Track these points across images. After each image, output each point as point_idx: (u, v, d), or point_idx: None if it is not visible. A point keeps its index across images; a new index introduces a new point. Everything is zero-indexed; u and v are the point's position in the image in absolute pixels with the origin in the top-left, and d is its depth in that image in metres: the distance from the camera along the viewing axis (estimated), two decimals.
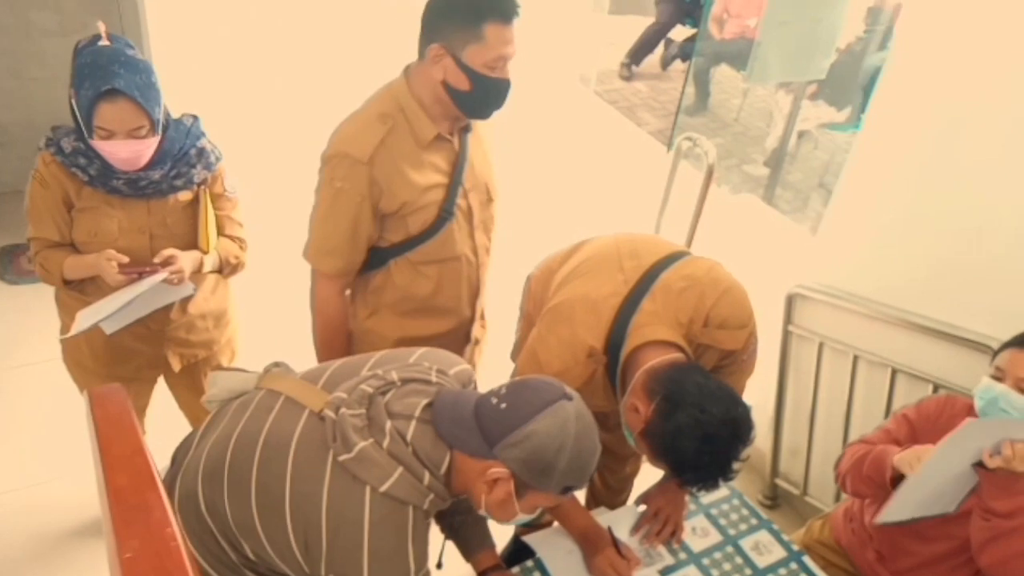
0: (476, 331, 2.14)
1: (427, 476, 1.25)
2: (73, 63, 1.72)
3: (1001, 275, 2.09)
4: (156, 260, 1.84)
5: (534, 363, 1.68)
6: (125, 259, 1.79)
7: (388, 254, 1.88)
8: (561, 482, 1.26)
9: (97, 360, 2.02)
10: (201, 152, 1.90)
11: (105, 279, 1.80)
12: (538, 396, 1.25)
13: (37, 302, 3.08)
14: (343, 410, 1.27)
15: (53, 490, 2.58)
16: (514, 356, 2.09)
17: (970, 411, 1.73)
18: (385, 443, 1.24)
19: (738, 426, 1.45)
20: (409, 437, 1.26)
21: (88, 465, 1.84)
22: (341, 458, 1.23)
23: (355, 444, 1.23)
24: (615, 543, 1.77)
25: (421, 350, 1.47)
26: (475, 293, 2.04)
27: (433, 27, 1.66)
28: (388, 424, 1.26)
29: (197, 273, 1.96)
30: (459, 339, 2.11)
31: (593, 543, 1.77)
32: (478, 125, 1.89)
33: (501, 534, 2.51)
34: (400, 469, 1.23)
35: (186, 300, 1.98)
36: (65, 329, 2.03)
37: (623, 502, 2.36)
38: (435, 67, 1.67)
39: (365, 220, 1.77)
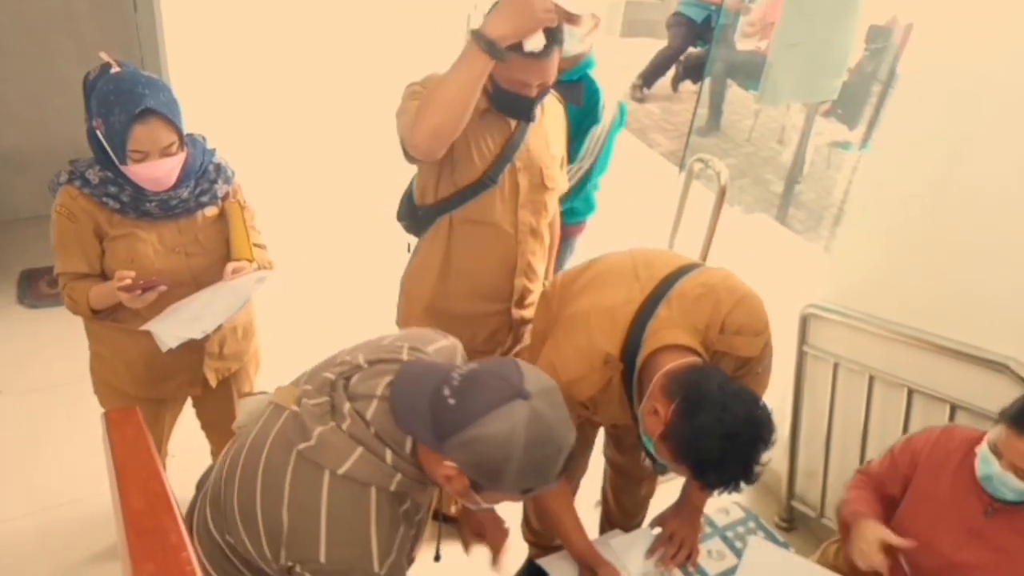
0: (516, 311, 2.20)
1: (389, 455, 1.20)
2: (89, 94, 1.75)
3: (1018, 293, 2.08)
4: (227, 275, 1.88)
5: (550, 371, 1.67)
6: (132, 274, 1.79)
7: (436, 212, 2.03)
8: (515, 487, 1.17)
9: (138, 384, 2.02)
10: (218, 168, 1.94)
11: (124, 303, 1.82)
12: (486, 396, 1.14)
13: (55, 326, 3.12)
14: (304, 400, 1.26)
15: (69, 513, 2.59)
16: None
17: (970, 446, 1.71)
18: (345, 425, 1.20)
19: (760, 427, 1.44)
20: (369, 417, 1.21)
21: (104, 488, 1.85)
22: (301, 447, 1.20)
23: (313, 431, 1.20)
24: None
25: (401, 332, 1.42)
26: (512, 268, 2.11)
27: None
28: (347, 406, 1.22)
29: None
30: (499, 317, 2.19)
31: (589, 568, 1.78)
32: (548, 119, 2.06)
33: (514, 557, 2.50)
34: (360, 450, 1.18)
35: None
36: (94, 357, 2.05)
37: (638, 525, 2.34)
38: None
39: None
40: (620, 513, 2.33)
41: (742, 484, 1.45)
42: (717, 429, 1.40)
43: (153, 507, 1.38)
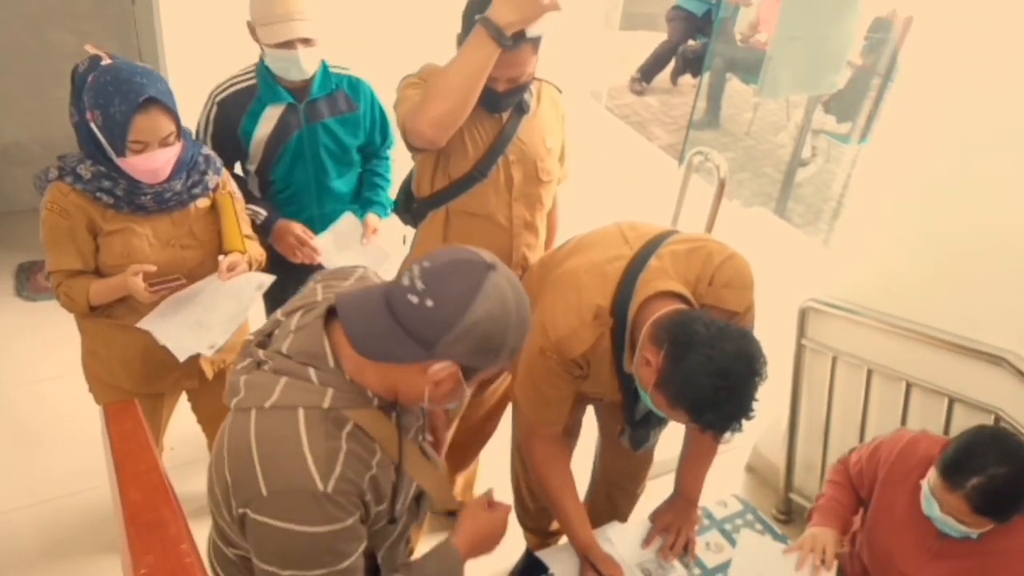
0: None
1: (313, 373, 1.14)
2: (79, 87, 1.72)
3: (1016, 287, 2.08)
4: (222, 269, 1.87)
5: (539, 331, 1.66)
6: (152, 268, 1.80)
7: (432, 204, 2.03)
8: (510, 355, 1.16)
9: (134, 380, 2.01)
10: (207, 158, 1.93)
11: (136, 297, 1.81)
12: (464, 282, 1.09)
13: (54, 318, 3.10)
14: (232, 367, 1.24)
15: (68, 505, 2.60)
16: (510, 367, 2.09)
17: (927, 464, 1.69)
18: (267, 366, 1.17)
19: (752, 360, 1.41)
20: (286, 349, 1.17)
21: (104, 481, 1.86)
22: (233, 403, 1.17)
23: (239, 383, 1.18)
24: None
25: (314, 276, 1.36)
26: (507, 261, 2.07)
27: (462, 26, 1.85)
28: (261, 352, 1.19)
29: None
30: None
31: (588, 560, 1.79)
32: (545, 112, 2.05)
33: (513, 549, 2.51)
34: (283, 379, 1.14)
35: None
36: (88, 354, 2.04)
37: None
38: None
39: None
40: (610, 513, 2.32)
41: (742, 422, 1.43)
42: (707, 367, 1.38)
43: (152, 499, 1.39)
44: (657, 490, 2.16)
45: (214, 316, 1.90)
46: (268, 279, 1.96)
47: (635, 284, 1.62)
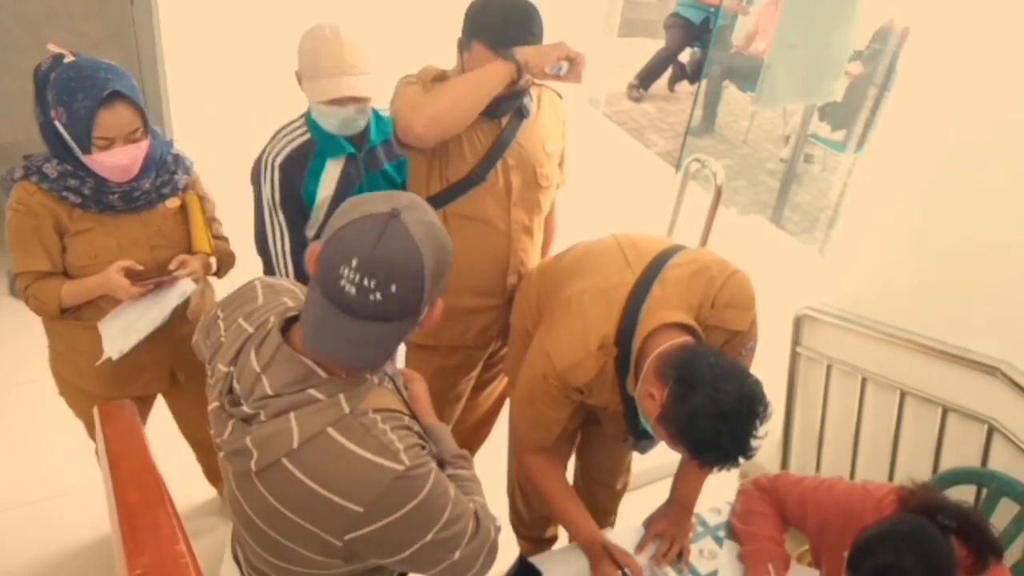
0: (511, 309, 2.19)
1: (315, 392, 1.10)
2: (42, 86, 1.70)
3: (1010, 297, 2.09)
4: (172, 265, 1.86)
5: (543, 358, 1.68)
6: (139, 267, 1.78)
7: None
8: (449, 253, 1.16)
9: (105, 384, 2.00)
10: (177, 158, 1.92)
11: (118, 295, 1.80)
12: (400, 245, 1.03)
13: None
14: (217, 441, 1.19)
15: (61, 506, 2.59)
16: (508, 371, 2.10)
17: (876, 515, 1.60)
18: (263, 414, 1.11)
19: (753, 402, 1.45)
20: (271, 390, 1.11)
21: (96, 481, 1.85)
22: (253, 467, 1.12)
23: (247, 445, 1.11)
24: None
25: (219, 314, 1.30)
26: (505, 267, 2.11)
27: (464, 23, 1.90)
28: (243, 409, 1.12)
29: (206, 275, 1.99)
30: (491, 313, 2.18)
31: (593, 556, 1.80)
32: (545, 116, 2.06)
33: (506, 555, 2.51)
34: (291, 415, 1.10)
35: (185, 306, 1.97)
36: (57, 357, 2.02)
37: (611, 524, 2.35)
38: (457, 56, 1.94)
39: None
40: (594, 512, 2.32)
41: (740, 459, 1.47)
42: (711, 410, 1.41)
43: (147, 500, 1.39)
44: (652, 495, 2.16)
45: (143, 322, 1.87)
46: (191, 288, 1.91)
47: (639, 313, 1.64)
